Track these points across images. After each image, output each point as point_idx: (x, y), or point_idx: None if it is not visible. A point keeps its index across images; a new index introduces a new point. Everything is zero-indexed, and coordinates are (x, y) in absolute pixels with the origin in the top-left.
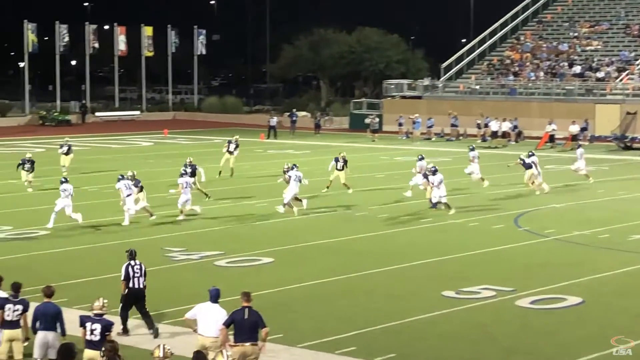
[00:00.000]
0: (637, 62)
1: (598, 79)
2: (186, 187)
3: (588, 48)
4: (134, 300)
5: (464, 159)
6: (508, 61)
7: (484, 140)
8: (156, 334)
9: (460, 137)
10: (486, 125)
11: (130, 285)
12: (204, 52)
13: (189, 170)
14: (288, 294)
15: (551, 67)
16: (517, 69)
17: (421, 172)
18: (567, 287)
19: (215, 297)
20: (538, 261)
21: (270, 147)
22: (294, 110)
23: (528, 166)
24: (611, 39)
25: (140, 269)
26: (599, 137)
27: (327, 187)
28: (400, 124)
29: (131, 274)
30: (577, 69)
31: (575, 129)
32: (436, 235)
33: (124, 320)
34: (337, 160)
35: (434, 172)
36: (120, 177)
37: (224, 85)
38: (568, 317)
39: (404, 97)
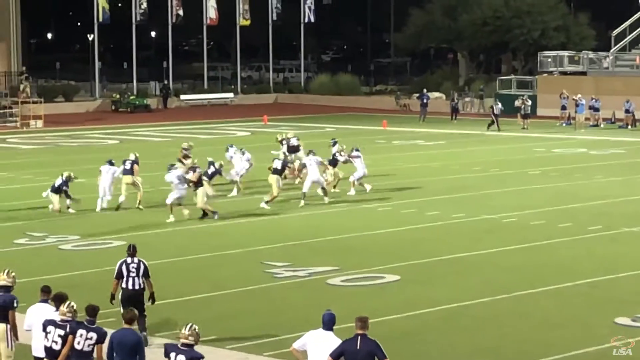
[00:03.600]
0: None
1: None
2: (179, 183)
3: None
4: (128, 303)
5: None
6: None
7: None
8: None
9: (637, 124)
10: None
11: (124, 285)
12: (312, 19)
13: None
14: (418, 320)
15: None
16: None
17: None
18: None
19: (329, 323)
20: None
21: (395, 137)
22: (425, 90)
23: None
24: None
25: (138, 268)
26: None
27: None
28: (563, 107)
29: (124, 272)
30: None
31: None
32: (606, 246)
33: None
34: None
35: None
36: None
37: (337, 61)
38: None
39: (564, 73)
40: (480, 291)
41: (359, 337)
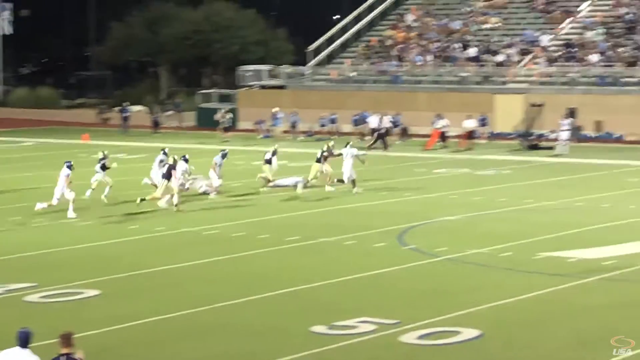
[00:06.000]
0: (544, 43)
1: (497, 64)
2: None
3: (485, 26)
4: None
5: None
6: (390, 42)
7: (362, 139)
8: None
9: (334, 136)
10: (363, 121)
11: None
12: (10, 31)
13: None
14: (119, 335)
15: (441, 49)
16: (400, 52)
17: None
18: (462, 317)
19: (24, 341)
20: (427, 287)
21: (97, 151)
22: (127, 104)
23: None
24: (512, 15)
25: None
26: (499, 134)
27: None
28: (258, 123)
29: None
30: (472, 51)
31: (470, 124)
32: (305, 257)
33: None
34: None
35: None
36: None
37: (36, 74)
38: (463, 354)
39: (263, 87)
40: (181, 304)
41: (64, 357)
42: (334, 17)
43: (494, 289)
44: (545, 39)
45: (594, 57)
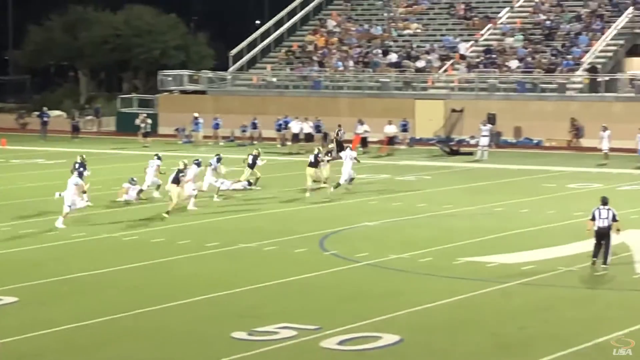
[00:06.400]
0: (464, 49)
1: (418, 70)
2: None
3: (406, 32)
4: None
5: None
6: (310, 48)
7: (283, 144)
8: None
9: (255, 142)
10: (286, 127)
11: None
12: None
13: None
14: (37, 342)
15: (362, 55)
16: (321, 57)
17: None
18: (383, 322)
19: None
20: (348, 292)
21: (15, 156)
22: (46, 109)
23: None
24: (432, 21)
25: None
26: (419, 139)
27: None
28: (178, 130)
29: None
30: (393, 57)
31: (391, 129)
32: (224, 263)
33: None
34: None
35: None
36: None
37: None
38: (383, 359)
39: (184, 92)
40: (101, 310)
41: None
42: (256, 22)
43: (414, 294)
44: (464, 46)
45: (513, 63)
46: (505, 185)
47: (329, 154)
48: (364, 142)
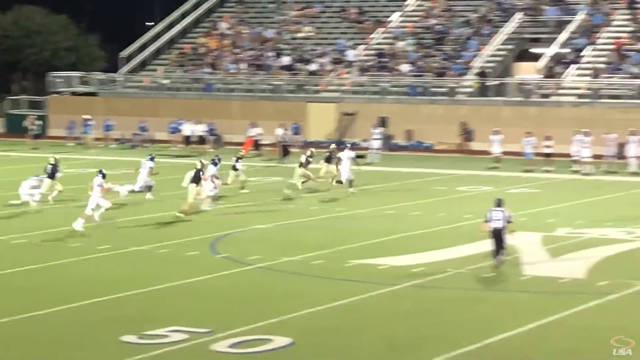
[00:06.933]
0: (353, 56)
1: (310, 73)
2: None
3: (298, 35)
4: None
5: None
6: (203, 50)
7: (177, 147)
8: None
9: (147, 145)
10: (178, 130)
11: None
12: None
13: None
14: None
15: (255, 57)
16: (214, 59)
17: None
18: (274, 325)
19: None
20: (239, 295)
21: None
22: None
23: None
24: (325, 25)
25: None
26: (312, 142)
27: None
28: (69, 128)
29: None
30: (286, 60)
31: (280, 132)
32: (115, 266)
33: None
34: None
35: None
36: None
37: None
38: None
39: (74, 93)
40: None
41: None
42: (147, 24)
43: (306, 297)
44: (352, 53)
45: (405, 67)
46: (396, 188)
47: (311, 157)
48: (256, 144)
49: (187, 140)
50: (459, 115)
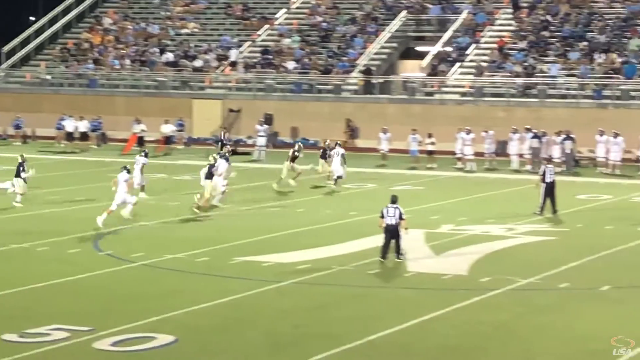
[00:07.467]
0: (241, 49)
1: (195, 69)
2: None
3: (183, 31)
4: None
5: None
6: (86, 45)
7: (60, 143)
8: None
9: (29, 140)
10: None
11: None
12: None
13: None
14: None
15: (139, 53)
16: (97, 55)
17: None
18: (157, 323)
19: None
20: (122, 293)
21: None
22: None
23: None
24: (210, 21)
25: None
26: (197, 139)
27: None
28: None
29: None
30: (170, 56)
31: (168, 129)
32: None
33: None
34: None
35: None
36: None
37: None
38: (157, 359)
39: None
40: None
41: None
42: (30, 19)
43: (190, 294)
44: (235, 53)
45: (290, 64)
46: (282, 185)
47: (298, 151)
48: (140, 141)
49: (70, 136)
50: (344, 112)
